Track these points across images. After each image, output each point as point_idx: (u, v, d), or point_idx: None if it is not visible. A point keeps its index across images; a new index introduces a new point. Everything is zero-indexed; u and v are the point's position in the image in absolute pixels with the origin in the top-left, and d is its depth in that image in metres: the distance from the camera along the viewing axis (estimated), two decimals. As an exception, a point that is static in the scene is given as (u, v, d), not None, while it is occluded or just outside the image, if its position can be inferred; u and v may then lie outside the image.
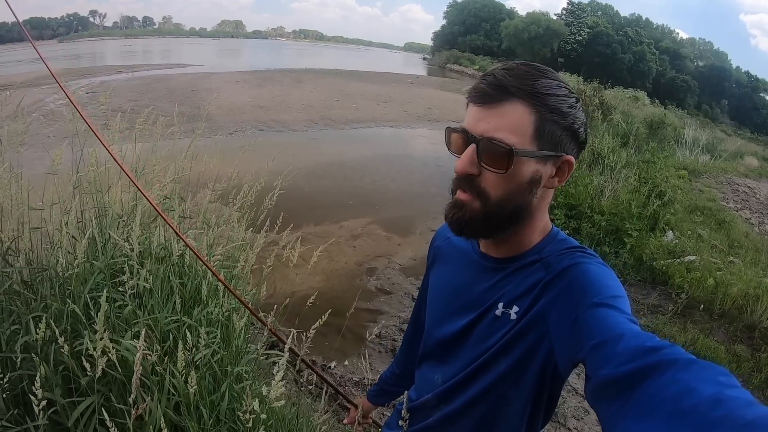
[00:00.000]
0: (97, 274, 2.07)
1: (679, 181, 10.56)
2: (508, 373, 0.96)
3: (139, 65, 27.22)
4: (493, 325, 0.99)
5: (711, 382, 0.55)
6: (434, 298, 1.24)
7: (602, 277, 0.87)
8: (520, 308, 0.95)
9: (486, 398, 1.02)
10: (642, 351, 0.65)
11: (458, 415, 1.08)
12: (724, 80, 56.88)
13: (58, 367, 1.68)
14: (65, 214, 2.24)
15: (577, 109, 0.93)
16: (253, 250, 2.63)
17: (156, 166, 2.89)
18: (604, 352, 0.70)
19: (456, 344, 1.09)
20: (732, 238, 7.98)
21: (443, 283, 1.21)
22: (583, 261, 0.90)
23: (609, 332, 0.73)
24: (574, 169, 0.96)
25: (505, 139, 0.88)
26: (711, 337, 5.07)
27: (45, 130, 4.82)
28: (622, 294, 0.84)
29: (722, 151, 16.87)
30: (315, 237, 6.41)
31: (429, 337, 1.22)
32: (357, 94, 21.76)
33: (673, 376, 0.58)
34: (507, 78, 0.89)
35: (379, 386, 1.63)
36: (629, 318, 0.77)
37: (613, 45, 51.89)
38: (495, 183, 0.91)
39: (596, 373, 0.69)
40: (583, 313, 0.80)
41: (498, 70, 0.92)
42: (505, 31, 56.66)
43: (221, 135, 10.49)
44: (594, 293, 0.82)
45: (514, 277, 0.99)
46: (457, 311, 1.09)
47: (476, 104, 0.92)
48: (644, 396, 0.59)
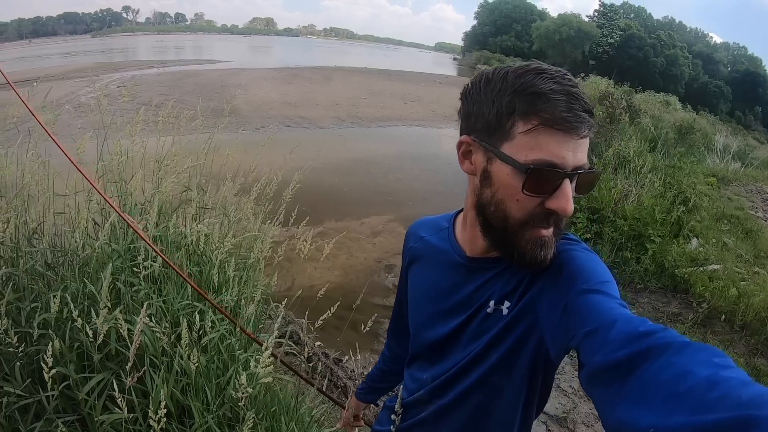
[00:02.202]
0: (116, 258, 2.15)
1: (707, 188, 10.34)
2: (500, 364, 0.96)
3: (170, 60, 27.75)
4: (485, 322, 0.99)
5: (706, 364, 0.55)
6: (418, 300, 1.22)
7: (589, 263, 0.87)
8: (511, 302, 0.95)
9: (479, 389, 1.02)
10: (635, 336, 0.65)
11: (452, 408, 1.09)
12: (758, 86, 55.27)
13: (74, 344, 1.76)
14: (88, 201, 2.34)
15: None
16: (266, 241, 2.67)
17: (176, 157, 2.96)
18: (598, 338, 0.71)
19: (447, 345, 1.09)
20: (759, 248, 7.73)
21: (426, 285, 1.18)
22: (569, 248, 0.91)
23: (601, 318, 0.73)
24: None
25: (590, 162, 0.85)
26: (731, 349, 4.94)
27: (75, 122, 4.94)
28: (610, 279, 0.84)
29: (753, 159, 16.42)
30: (336, 232, 6.43)
31: (417, 340, 1.21)
32: (385, 92, 21.80)
33: (668, 360, 0.58)
34: (586, 98, 0.83)
35: (367, 384, 1.63)
36: (619, 302, 0.78)
37: (645, 48, 51.05)
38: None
39: (590, 359, 0.70)
40: (573, 301, 0.80)
41: (578, 92, 0.83)
42: (536, 33, 56.15)
43: (248, 130, 10.65)
44: (582, 280, 0.83)
45: (503, 274, 0.98)
46: (446, 313, 1.08)
47: (571, 133, 0.82)
48: (640, 381, 0.59)
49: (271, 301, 2.72)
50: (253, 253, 2.63)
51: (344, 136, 12.86)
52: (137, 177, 2.76)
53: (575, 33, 51.70)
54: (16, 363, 1.60)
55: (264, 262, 2.80)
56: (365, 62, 41.97)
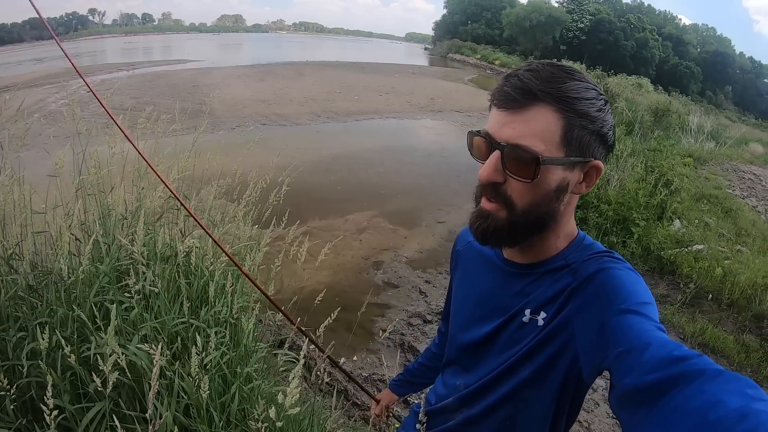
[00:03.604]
0: (102, 278, 2.05)
1: (684, 168, 10.49)
2: (533, 378, 0.95)
3: (139, 62, 27.20)
4: (520, 331, 0.97)
5: (738, 395, 0.53)
6: (458, 304, 1.22)
7: (630, 283, 0.84)
8: (547, 314, 0.93)
9: (509, 402, 1.01)
10: (668, 360, 0.63)
11: (480, 419, 1.08)
12: (727, 66, 56.43)
13: (66, 373, 1.67)
14: (68, 217, 2.22)
15: (605, 111, 0.90)
16: (260, 248, 2.60)
17: (159, 165, 2.87)
18: (630, 360, 0.69)
19: (480, 350, 1.08)
20: (739, 227, 7.92)
21: (466, 290, 1.19)
22: (611, 266, 0.88)
23: (635, 340, 0.71)
24: (602, 174, 0.93)
25: (531, 146, 0.84)
26: (720, 328, 5.05)
27: (47, 131, 4.80)
28: (651, 300, 0.82)
29: (727, 138, 16.72)
30: (321, 231, 6.40)
31: (453, 344, 1.20)
32: (359, 85, 21.71)
33: (699, 387, 0.56)
34: (533, 81, 0.85)
35: (404, 377, 1.62)
36: (657, 326, 0.75)
37: (615, 32, 51.53)
38: (521, 191, 0.88)
39: (621, 381, 0.68)
40: (610, 320, 0.78)
41: (522, 72, 0.87)
42: (506, 20, 56.24)
43: (224, 131, 10.49)
44: (622, 299, 0.80)
45: (540, 283, 0.97)
46: (482, 318, 1.08)
47: (500, 108, 0.88)
48: (669, 406, 0.58)
49: (268, 308, 2.66)
50: (247, 262, 2.54)
51: (321, 132, 12.73)
52: (119, 189, 2.66)
53: (545, 19, 51.95)
54: (6, 400, 1.49)
55: (258, 270, 2.72)
56: (337, 56, 41.89)
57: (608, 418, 3.63)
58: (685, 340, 4.75)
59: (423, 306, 4.96)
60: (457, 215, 7.67)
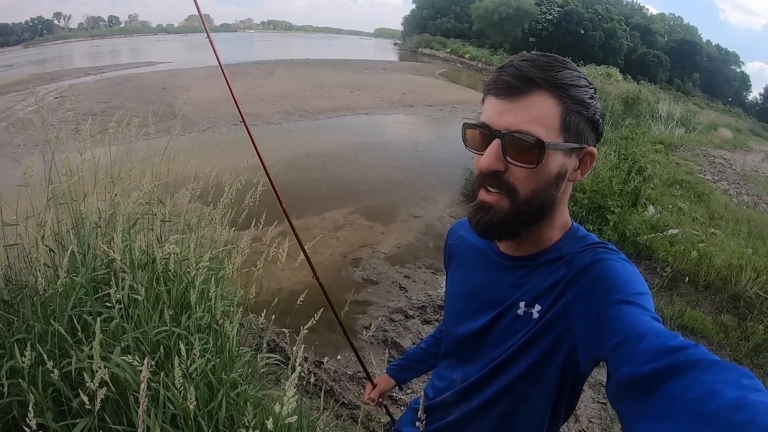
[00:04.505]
0: (78, 289, 2.00)
1: (656, 155, 10.67)
2: (531, 370, 0.96)
3: (107, 66, 26.62)
4: (515, 323, 0.98)
5: (734, 385, 0.54)
6: (452, 297, 1.23)
7: (625, 274, 0.85)
8: (542, 306, 0.94)
9: (507, 395, 1.02)
10: (665, 350, 0.64)
11: (479, 413, 1.08)
12: (694, 54, 57.39)
13: (48, 390, 1.62)
14: (41, 228, 2.16)
15: (596, 99, 0.92)
16: (240, 252, 2.56)
17: (132, 171, 2.81)
18: (627, 350, 0.70)
19: (476, 343, 1.09)
20: (712, 210, 8.10)
21: (460, 283, 1.20)
22: (606, 257, 0.89)
23: (632, 330, 0.72)
24: (595, 161, 0.94)
25: (534, 131, 0.85)
26: (698, 309, 5.15)
27: (15, 139, 4.68)
28: (646, 291, 0.84)
29: (697, 124, 17.08)
30: (298, 230, 6.31)
31: (448, 337, 1.21)
32: (330, 82, 21.56)
33: (695, 378, 0.57)
34: (530, 69, 0.86)
35: (405, 362, 1.60)
36: (652, 316, 0.77)
37: (583, 23, 51.92)
38: (524, 178, 0.89)
39: (618, 371, 0.68)
40: (606, 311, 0.79)
41: (518, 62, 0.89)
42: (475, 13, 56.29)
43: (195, 132, 10.35)
44: (617, 290, 0.81)
45: (535, 275, 0.98)
46: (477, 310, 1.08)
47: (499, 97, 0.89)
48: (666, 397, 0.58)
49: (250, 312, 2.63)
50: (228, 266, 2.51)
51: (294, 131, 12.63)
52: (91, 196, 2.59)
53: (514, 12, 52.10)
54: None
55: (238, 274, 2.68)
56: (307, 53, 41.54)
57: (593, 403, 3.67)
58: (665, 323, 4.79)
59: (404, 301, 4.96)
60: (432, 209, 7.69)
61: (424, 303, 4.92)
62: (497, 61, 38.21)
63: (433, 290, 5.20)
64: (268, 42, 77.17)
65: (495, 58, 42.69)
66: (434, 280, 5.48)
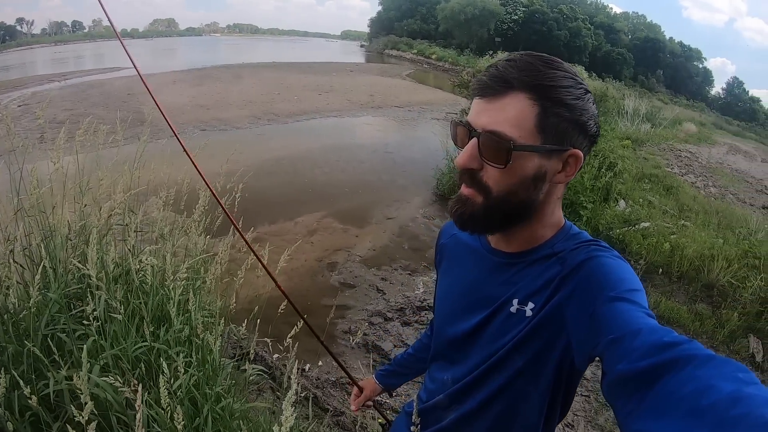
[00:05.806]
0: (51, 306, 1.92)
1: (624, 150, 10.88)
2: (527, 369, 0.95)
3: (71, 72, 26.01)
4: (508, 322, 0.97)
5: (730, 379, 0.54)
6: (443, 296, 1.21)
7: (619, 271, 0.85)
8: (535, 304, 0.93)
9: (504, 395, 1.01)
10: (659, 346, 0.64)
11: (474, 415, 1.07)
12: (658, 51, 58.71)
13: (25, 414, 1.55)
14: (9, 243, 2.07)
15: (585, 101, 0.90)
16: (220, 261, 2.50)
17: (103, 180, 2.72)
18: (621, 347, 0.70)
19: (468, 343, 1.07)
20: (681, 203, 8.31)
21: (452, 281, 1.18)
22: (599, 254, 0.89)
23: (626, 327, 0.72)
24: (583, 163, 0.93)
25: (504, 132, 0.86)
26: (672, 299, 5.28)
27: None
28: (640, 287, 0.83)
29: (662, 119, 17.47)
30: (271, 236, 6.25)
31: (439, 337, 1.19)
32: (298, 86, 21.42)
33: (691, 373, 0.57)
34: (509, 70, 0.87)
35: (392, 367, 1.57)
36: (647, 312, 0.77)
37: (548, 22, 52.60)
38: (496, 178, 0.90)
39: (612, 368, 0.68)
40: (600, 308, 0.79)
41: (501, 62, 0.90)
42: (441, 14, 56.56)
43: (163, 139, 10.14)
44: (611, 287, 0.81)
45: (527, 272, 0.97)
46: (469, 309, 1.07)
47: (478, 97, 0.91)
48: (661, 393, 0.58)
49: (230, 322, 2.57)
50: (207, 276, 2.44)
51: (263, 135, 12.48)
52: (61, 208, 2.50)
53: (480, 12, 52.51)
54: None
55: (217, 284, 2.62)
56: (274, 56, 41.30)
57: (577, 396, 3.69)
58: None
59: (382, 304, 4.94)
60: (405, 210, 7.70)
61: (403, 305, 4.90)
62: (463, 62, 38.52)
63: (411, 292, 5.19)
64: (235, 45, 76.49)
65: (461, 58, 42.92)
66: (411, 281, 5.47)
